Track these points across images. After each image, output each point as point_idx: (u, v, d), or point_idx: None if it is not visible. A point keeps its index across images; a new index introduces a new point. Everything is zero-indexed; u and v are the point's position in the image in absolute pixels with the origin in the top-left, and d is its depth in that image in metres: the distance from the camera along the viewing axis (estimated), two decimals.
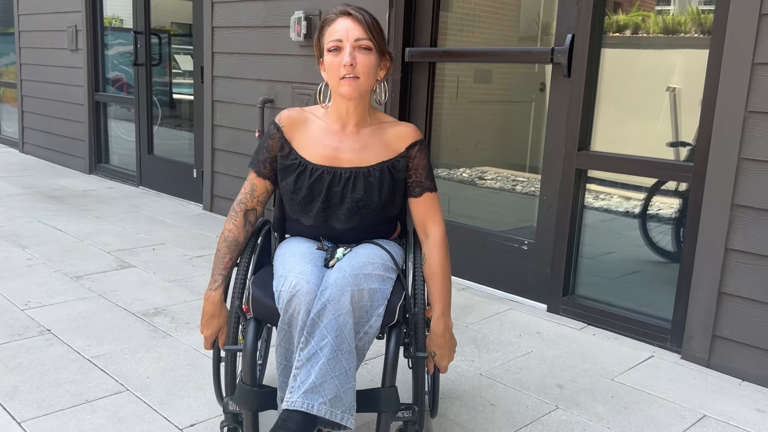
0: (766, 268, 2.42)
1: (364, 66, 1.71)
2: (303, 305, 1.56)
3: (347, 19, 1.73)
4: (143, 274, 3.42)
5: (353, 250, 1.76)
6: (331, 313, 1.54)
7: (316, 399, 1.50)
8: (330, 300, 1.55)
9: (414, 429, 1.74)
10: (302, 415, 1.50)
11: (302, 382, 1.51)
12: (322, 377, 1.51)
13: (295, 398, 1.50)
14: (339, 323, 1.54)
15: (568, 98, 2.97)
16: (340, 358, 1.53)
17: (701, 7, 2.76)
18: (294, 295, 1.57)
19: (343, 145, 1.80)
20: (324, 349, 1.52)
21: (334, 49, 1.72)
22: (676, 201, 2.84)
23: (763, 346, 2.45)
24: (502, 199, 3.55)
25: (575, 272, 3.10)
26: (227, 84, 4.61)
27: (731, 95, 2.42)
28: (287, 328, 1.58)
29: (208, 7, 4.63)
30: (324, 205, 1.79)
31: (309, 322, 1.54)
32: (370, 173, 1.79)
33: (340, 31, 1.72)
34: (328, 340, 1.52)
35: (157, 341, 2.62)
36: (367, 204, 1.79)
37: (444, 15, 3.54)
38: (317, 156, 1.79)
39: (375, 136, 1.82)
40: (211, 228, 4.42)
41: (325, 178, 1.78)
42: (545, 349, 2.70)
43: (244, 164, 4.55)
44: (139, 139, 5.65)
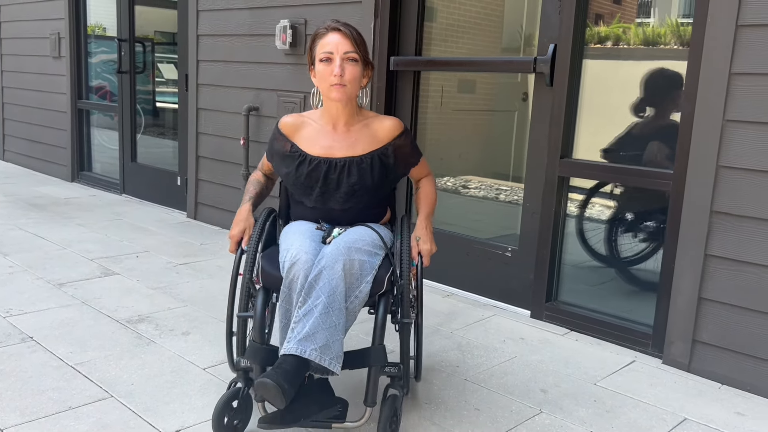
0: (744, 273, 2.46)
1: (351, 75, 2.05)
2: (302, 272, 1.85)
3: (337, 34, 2.06)
4: (127, 281, 3.41)
5: (347, 230, 2.07)
6: (325, 277, 1.83)
7: (308, 345, 1.77)
8: (325, 267, 1.85)
9: (400, 385, 2.02)
10: (296, 359, 1.77)
11: (298, 333, 1.79)
12: (315, 328, 1.78)
13: (291, 345, 1.78)
14: (332, 286, 1.83)
15: (550, 107, 3.02)
16: (331, 314, 1.81)
17: (680, 20, 2.82)
18: (294, 263, 1.87)
19: (336, 143, 2.14)
20: (318, 306, 1.80)
21: (326, 60, 2.05)
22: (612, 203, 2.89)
23: (741, 351, 2.49)
24: (486, 207, 3.59)
25: (558, 278, 3.14)
26: (212, 92, 4.62)
27: (709, 104, 2.48)
28: (287, 291, 1.88)
29: (193, 14, 4.64)
30: (322, 189, 2.12)
31: (306, 285, 1.83)
32: (363, 161, 2.12)
33: (331, 44, 2.05)
34: (321, 299, 1.81)
35: (141, 348, 2.61)
36: (362, 187, 2.11)
37: (428, 25, 3.58)
38: (314, 150, 2.14)
39: (363, 130, 2.16)
40: (195, 236, 4.41)
41: (322, 167, 2.11)
42: (529, 355, 2.73)
43: (229, 172, 4.55)
44: (122, 147, 5.63)
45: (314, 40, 2.10)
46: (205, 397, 2.24)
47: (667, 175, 2.69)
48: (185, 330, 2.81)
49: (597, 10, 2.97)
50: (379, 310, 1.95)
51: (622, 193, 3.04)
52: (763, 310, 2.43)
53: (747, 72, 2.39)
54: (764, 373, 2.44)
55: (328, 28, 2.08)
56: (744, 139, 2.42)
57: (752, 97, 2.39)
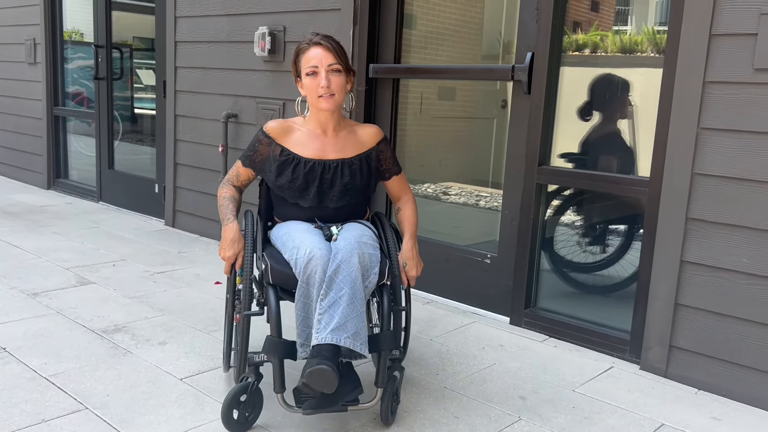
0: (719, 279, 2.49)
1: (337, 85, 2.21)
2: (319, 266, 1.98)
3: (319, 48, 2.21)
4: (103, 290, 3.36)
5: (344, 227, 2.20)
6: (345, 270, 1.97)
7: (342, 334, 1.92)
8: (343, 261, 1.98)
9: (399, 366, 2.19)
10: (332, 347, 1.92)
11: (327, 323, 1.92)
12: (345, 318, 1.92)
13: (323, 335, 1.91)
14: (352, 278, 1.97)
15: (528, 114, 3.03)
16: (356, 304, 1.95)
17: (657, 27, 2.86)
18: (311, 259, 1.99)
19: (327, 146, 2.28)
20: (343, 298, 1.94)
21: (312, 73, 2.21)
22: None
23: (717, 356, 2.52)
24: (466, 214, 3.60)
25: (537, 285, 3.15)
26: (190, 98, 4.59)
27: (684, 112, 2.50)
28: (306, 286, 1.99)
29: (171, 21, 4.61)
30: (318, 189, 2.24)
31: (326, 279, 1.96)
32: (353, 163, 2.28)
33: (315, 58, 2.20)
34: (345, 291, 1.95)
35: (117, 359, 2.57)
36: (354, 186, 2.27)
37: (407, 32, 3.59)
38: (307, 153, 2.26)
39: (350, 137, 2.32)
40: (173, 244, 4.37)
41: (317, 168, 2.24)
42: (508, 361, 2.73)
43: (208, 179, 4.51)
44: (99, 154, 5.57)
45: (298, 55, 2.25)
46: (182, 408, 2.21)
47: (643, 182, 2.71)
48: (162, 340, 2.78)
49: (574, 17, 3.00)
50: (384, 299, 2.12)
51: (599, 200, 3.07)
52: (738, 316, 2.46)
53: (721, 80, 2.42)
54: (739, 378, 2.47)
55: (310, 42, 2.22)
56: (719, 146, 2.45)
57: (726, 105, 2.42)
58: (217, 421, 2.12)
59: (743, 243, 2.43)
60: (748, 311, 2.44)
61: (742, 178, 2.41)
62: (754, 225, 2.40)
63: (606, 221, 3.07)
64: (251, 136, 4.15)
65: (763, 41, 2.31)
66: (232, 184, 2.34)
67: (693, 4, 2.45)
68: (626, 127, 2.94)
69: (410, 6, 3.57)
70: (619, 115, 2.96)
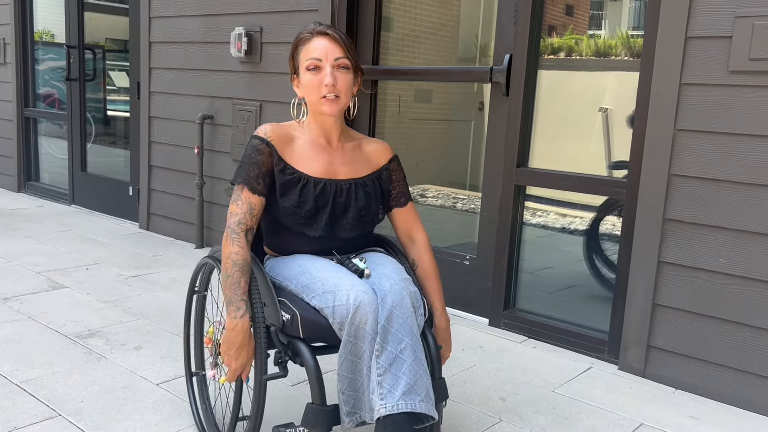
0: (695, 279, 2.52)
1: (343, 85, 1.78)
2: (370, 315, 1.59)
3: (324, 38, 1.79)
4: (76, 294, 3.30)
5: (370, 259, 1.82)
6: (399, 317, 1.61)
7: (415, 398, 1.56)
8: (395, 305, 1.61)
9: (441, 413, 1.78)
10: (405, 416, 1.55)
11: (393, 386, 1.56)
12: (414, 377, 1.57)
13: (394, 402, 1.55)
14: (409, 325, 1.62)
15: (506, 116, 3.04)
16: (420, 358, 1.60)
17: (630, 32, 2.88)
18: (358, 307, 1.59)
19: (335, 159, 1.86)
20: (405, 351, 1.58)
21: (313, 68, 1.78)
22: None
23: (694, 356, 2.54)
24: (444, 216, 3.59)
25: (516, 286, 3.16)
26: (165, 100, 4.53)
27: (661, 114, 2.53)
28: (353, 340, 1.60)
29: (145, 21, 4.55)
30: (330, 215, 1.82)
31: (380, 329, 1.59)
32: (366, 184, 1.88)
33: (319, 50, 1.77)
34: (406, 343, 1.59)
35: (91, 364, 2.52)
36: (368, 212, 1.87)
37: (385, 34, 3.58)
38: (315, 170, 1.83)
39: (357, 151, 1.91)
40: (147, 246, 4.30)
41: (329, 189, 1.82)
42: (488, 363, 2.73)
43: (183, 181, 4.46)
44: (71, 156, 5.47)
45: (297, 46, 1.83)
46: (158, 413, 2.17)
47: (621, 183, 2.73)
48: (137, 344, 2.73)
49: (550, 21, 3.02)
50: (429, 342, 1.75)
51: (578, 201, 3.09)
52: (715, 316, 2.48)
53: (697, 82, 2.45)
54: (717, 378, 2.49)
55: (313, 32, 1.80)
56: (695, 148, 2.48)
57: (702, 106, 2.45)
58: (193, 426, 2.09)
59: (720, 243, 2.45)
60: (725, 311, 2.46)
61: (718, 179, 2.44)
62: (730, 225, 2.43)
63: (586, 222, 3.09)
64: (227, 138, 4.11)
65: (737, 44, 2.34)
66: (245, 230, 1.76)
67: (669, 6, 2.47)
68: (601, 130, 2.96)
69: (388, 8, 3.56)
70: None
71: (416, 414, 1.56)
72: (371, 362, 1.59)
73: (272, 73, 3.87)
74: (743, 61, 2.34)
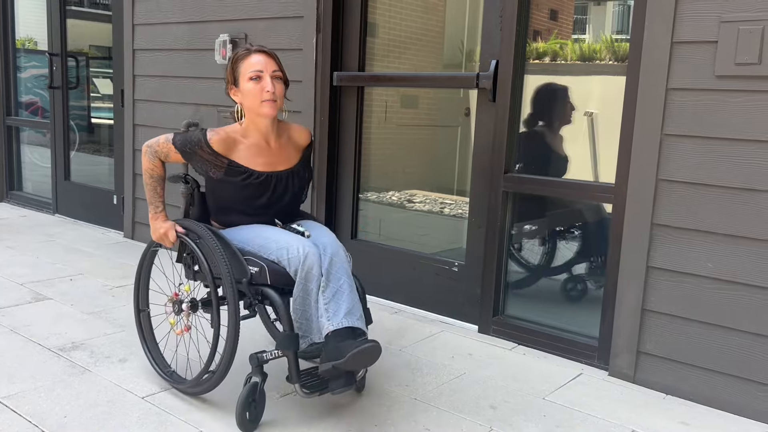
0: (684, 284, 2.51)
1: (279, 92, 2.26)
2: (315, 262, 2.10)
3: (262, 55, 2.26)
4: (60, 306, 3.24)
5: (306, 225, 2.34)
6: (337, 262, 2.13)
7: (353, 318, 2.08)
8: (334, 254, 2.14)
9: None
10: (347, 330, 2.05)
11: (336, 311, 2.07)
12: (351, 304, 2.09)
13: (338, 321, 2.06)
14: (345, 268, 2.15)
15: (493, 122, 3.03)
16: (354, 291, 2.14)
17: (615, 36, 2.89)
18: (307, 257, 2.09)
19: (275, 158, 2.34)
20: (343, 286, 2.10)
21: (255, 78, 2.23)
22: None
23: (684, 361, 2.53)
24: (432, 222, 3.58)
25: (505, 292, 3.14)
26: (149, 107, 4.48)
27: (648, 119, 2.53)
28: (304, 282, 2.10)
29: (129, 29, 4.50)
30: (269, 200, 2.32)
31: (324, 272, 2.10)
32: (299, 170, 2.40)
33: (260, 63, 2.24)
34: (344, 280, 2.11)
35: (75, 377, 2.47)
36: (301, 191, 2.44)
37: (371, 40, 3.56)
38: (258, 165, 2.30)
39: (289, 142, 2.40)
40: (132, 256, 4.25)
41: (270, 180, 2.31)
42: (478, 370, 2.71)
43: (168, 190, 4.36)
44: (55, 165, 5.40)
45: (237, 61, 2.27)
46: (144, 428, 2.13)
47: (609, 188, 2.73)
48: (122, 357, 2.68)
49: (535, 26, 3.01)
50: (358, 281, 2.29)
51: (566, 207, 3.08)
52: (704, 321, 2.48)
53: (683, 87, 2.45)
54: (707, 383, 2.49)
55: (250, 50, 2.27)
56: (682, 152, 2.47)
57: (689, 111, 2.45)
58: None
59: (708, 248, 2.45)
60: (713, 316, 2.46)
61: (705, 183, 2.43)
62: (717, 230, 2.42)
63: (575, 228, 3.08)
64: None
65: (723, 49, 2.35)
66: (160, 158, 2.34)
67: (655, 11, 2.47)
68: (586, 134, 2.96)
69: (374, 13, 3.55)
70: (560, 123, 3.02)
71: (354, 328, 2.07)
72: (318, 296, 2.09)
73: None
74: (729, 66, 2.34)
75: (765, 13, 2.27)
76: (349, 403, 2.36)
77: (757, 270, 2.36)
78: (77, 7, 5.32)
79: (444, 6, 3.53)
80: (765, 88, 2.30)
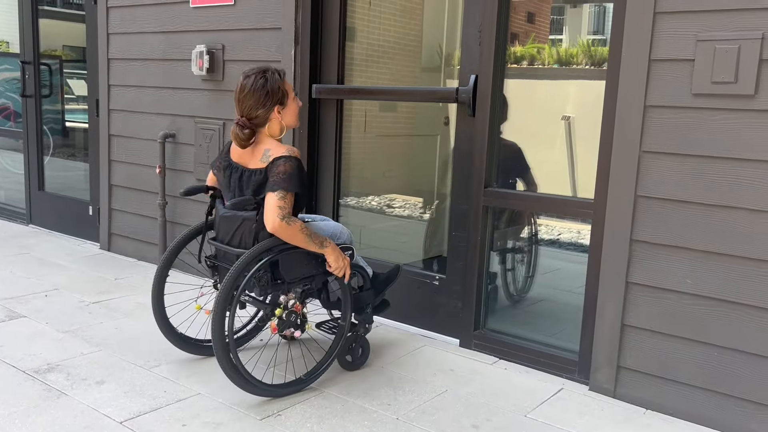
0: (663, 300, 2.53)
1: None
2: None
3: None
4: (34, 324, 3.18)
5: (310, 217, 2.88)
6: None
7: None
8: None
9: None
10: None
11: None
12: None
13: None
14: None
15: (473, 137, 3.02)
16: None
17: (590, 38, 2.91)
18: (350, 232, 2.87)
19: None
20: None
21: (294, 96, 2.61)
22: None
23: (663, 375, 2.55)
24: (413, 228, 3.57)
25: (486, 306, 3.14)
26: (125, 118, 4.42)
27: (626, 136, 2.54)
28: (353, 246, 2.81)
29: (103, 37, 4.43)
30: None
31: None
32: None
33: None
34: None
35: (51, 402, 2.42)
36: None
37: (350, 52, 3.54)
38: None
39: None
40: (109, 269, 4.19)
41: None
42: (459, 387, 2.70)
43: (145, 201, 4.35)
44: (28, 175, 5.30)
45: (284, 81, 2.51)
46: None
47: (588, 204, 2.74)
48: (99, 378, 2.64)
49: (513, 29, 3.01)
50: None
51: (545, 222, 3.09)
52: (684, 336, 2.50)
53: (661, 105, 2.47)
54: (686, 398, 2.51)
55: (278, 70, 2.53)
56: (660, 169, 2.49)
57: (666, 129, 2.46)
58: None
59: (686, 264, 2.47)
60: (692, 331, 2.48)
61: (683, 200, 2.45)
62: (695, 246, 2.44)
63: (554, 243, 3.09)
64: (190, 157, 4.03)
65: (700, 67, 2.36)
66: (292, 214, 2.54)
67: (633, 29, 2.49)
68: (563, 143, 2.98)
69: (353, 24, 3.53)
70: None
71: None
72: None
73: None
74: (706, 85, 2.36)
75: (741, 32, 2.29)
76: (331, 426, 2.34)
77: (734, 286, 2.39)
78: (50, 7, 5.22)
79: (422, 13, 3.53)
80: (741, 106, 2.32)
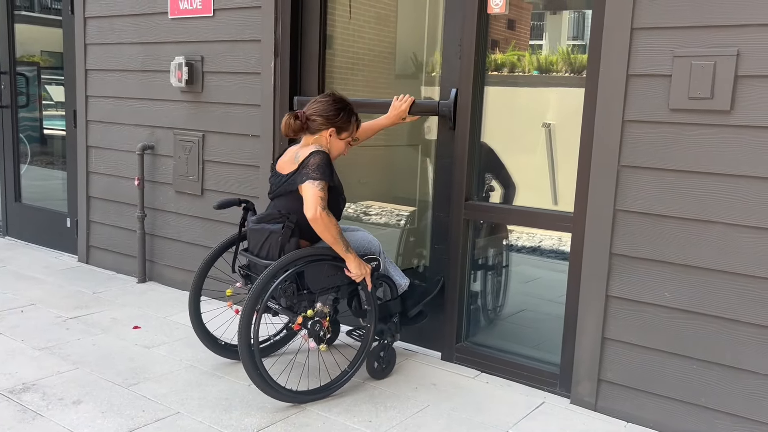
0: (642, 313, 2.54)
1: None
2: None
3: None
4: (9, 342, 3.13)
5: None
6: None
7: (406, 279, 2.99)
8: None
9: None
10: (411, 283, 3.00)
11: (402, 274, 3.01)
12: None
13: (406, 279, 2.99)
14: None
15: (453, 150, 3.02)
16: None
17: (570, 43, 2.93)
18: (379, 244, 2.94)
19: None
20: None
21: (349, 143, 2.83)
22: None
23: (643, 389, 2.56)
24: (391, 236, 3.56)
25: (468, 319, 3.14)
26: (103, 129, 4.37)
27: (605, 150, 2.55)
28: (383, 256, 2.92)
29: (81, 48, 4.38)
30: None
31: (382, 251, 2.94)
32: None
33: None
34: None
35: (25, 424, 2.38)
36: None
37: (330, 63, 3.53)
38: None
39: None
40: (87, 283, 4.13)
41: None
42: (441, 402, 2.70)
43: (123, 213, 4.30)
44: (4, 186, 5.22)
45: (353, 115, 2.76)
46: None
47: (568, 217, 2.75)
48: (76, 398, 2.60)
49: (495, 35, 3.02)
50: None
51: (526, 235, 3.10)
52: (662, 349, 2.51)
53: (639, 120, 2.48)
54: (666, 410, 2.52)
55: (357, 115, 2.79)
56: (638, 183, 2.51)
57: (644, 143, 2.48)
58: None
59: (664, 278, 2.49)
60: (671, 344, 2.49)
61: (661, 214, 2.47)
62: (673, 260, 2.46)
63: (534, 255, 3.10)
64: (169, 169, 3.99)
65: (677, 82, 2.38)
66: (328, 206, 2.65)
67: (611, 45, 2.50)
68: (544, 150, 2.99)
69: (332, 35, 3.52)
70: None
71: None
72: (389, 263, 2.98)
73: (215, 104, 3.78)
74: (683, 100, 2.38)
75: (717, 49, 2.31)
76: None
77: (710, 299, 2.41)
78: (28, 12, 5.15)
79: (401, 24, 3.53)
80: (718, 122, 2.34)
